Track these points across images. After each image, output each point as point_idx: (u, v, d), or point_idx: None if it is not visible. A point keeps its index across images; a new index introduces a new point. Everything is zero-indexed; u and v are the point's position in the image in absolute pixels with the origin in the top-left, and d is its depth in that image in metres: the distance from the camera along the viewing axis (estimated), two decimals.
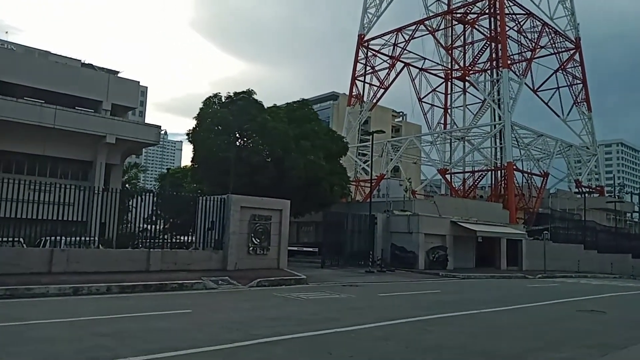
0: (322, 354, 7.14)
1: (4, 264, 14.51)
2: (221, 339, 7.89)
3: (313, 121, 31.79)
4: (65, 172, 28.31)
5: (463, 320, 11.15)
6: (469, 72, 53.36)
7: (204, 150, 28.84)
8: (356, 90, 57.27)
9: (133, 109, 35.92)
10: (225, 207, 20.06)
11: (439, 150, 55.29)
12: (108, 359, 6.35)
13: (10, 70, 27.47)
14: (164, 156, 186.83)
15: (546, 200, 51.32)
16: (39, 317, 9.42)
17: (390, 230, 30.67)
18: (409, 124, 77.33)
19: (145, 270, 17.17)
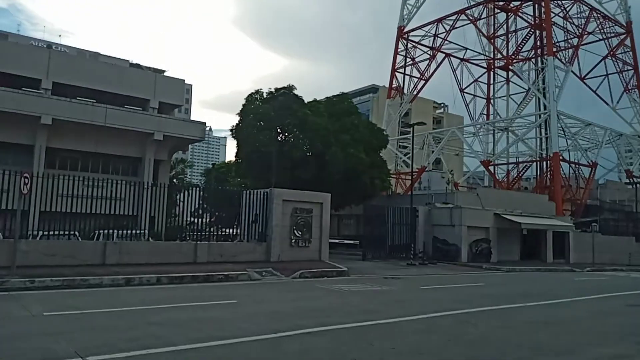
0: (364, 345, 7.28)
1: (62, 256, 15.37)
2: (266, 328, 8.16)
3: (353, 114, 31.80)
4: (116, 168, 29.51)
5: (507, 314, 11.03)
6: (512, 61, 51.88)
7: (247, 145, 29.40)
8: (396, 83, 56.69)
9: (179, 106, 36.99)
10: (268, 201, 20.46)
11: (482, 141, 54.12)
12: (160, 346, 6.69)
13: (64, 72, 28.84)
14: (209, 152, 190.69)
15: (595, 191, 49.47)
16: (94, 306, 9.97)
17: (432, 223, 30.41)
18: (450, 115, 76.02)
19: (193, 261, 17.76)
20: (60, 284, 12.54)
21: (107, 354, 6.17)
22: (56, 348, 6.39)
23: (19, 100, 25.08)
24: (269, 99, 30.43)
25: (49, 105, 25.98)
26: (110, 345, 6.65)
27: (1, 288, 11.62)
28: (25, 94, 25.73)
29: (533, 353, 7.30)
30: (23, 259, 13.64)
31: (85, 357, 6.00)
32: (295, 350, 6.79)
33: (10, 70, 26.96)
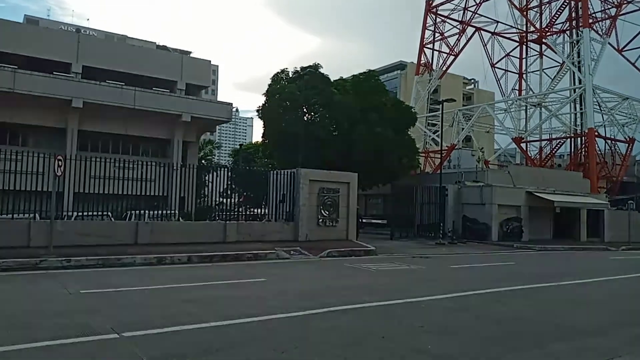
0: (392, 323, 7.29)
1: (96, 236, 15.80)
2: (294, 306, 8.24)
3: (380, 92, 31.39)
4: (145, 149, 30.03)
5: (539, 293, 10.88)
6: (545, 34, 50.14)
7: (273, 126, 29.44)
8: (424, 59, 55.59)
9: (206, 87, 37.18)
10: (295, 181, 20.53)
11: (514, 117, 52.81)
12: (192, 323, 6.84)
13: (93, 56, 29.30)
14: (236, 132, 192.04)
15: (632, 168, 47.93)
16: (128, 284, 10.26)
17: (462, 201, 30.04)
18: (481, 91, 74.33)
19: (223, 241, 18.03)
20: (95, 263, 12.92)
21: (141, 330, 6.35)
22: (93, 324, 6.61)
23: (51, 84, 25.64)
24: (294, 79, 30.28)
25: (80, 89, 26.47)
26: (144, 321, 6.84)
27: (40, 267, 12.05)
28: (56, 78, 26.27)
29: (564, 332, 7.18)
30: (59, 239, 14.08)
31: (121, 333, 6.19)
32: (324, 328, 6.85)
33: (41, 55, 27.53)
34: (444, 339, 6.48)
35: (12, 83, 24.41)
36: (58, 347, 5.56)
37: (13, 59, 26.40)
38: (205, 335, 6.23)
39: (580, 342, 6.67)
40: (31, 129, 26.97)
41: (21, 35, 27.78)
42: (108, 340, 5.90)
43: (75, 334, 6.07)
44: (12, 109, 25.43)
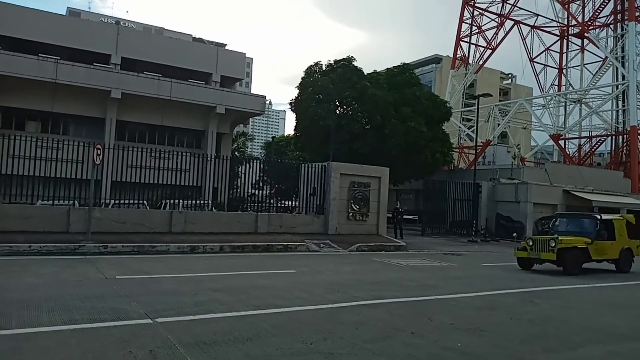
0: (421, 320, 7.24)
1: (132, 223, 16.22)
2: (323, 299, 8.29)
3: (414, 86, 31.01)
4: (181, 140, 30.58)
5: (573, 294, 10.61)
6: (588, 28, 48.49)
7: (306, 119, 29.49)
8: (461, 52, 54.60)
9: (240, 80, 37.53)
10: (326, 174, 20.55)
11: (552, 114, 51.38)
12: (223, 311, 6.98)
13: (131, 48, 29.95)
14: (269, 125, 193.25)
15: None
16: (162, 271, 10.52)
17: (496, 199, 29.49)
18: (518, 86, 72.45)
19: (254, 232, 18.25)
20: (131, 249, 13.28)
21: (174, 317, 6.51)
22: (127, 309, 6.81)
23: (91, 75, 26.34)
24: (328, 72, 30.23)
25: (118, 80, 27.12)
26: (177, 308, 7.00)
27: (78, 252, 12.47)
28: (96, 69, 26.97)
29: (598, 335, 6.99)
30: (96, 225, 14.53)
31: (154, 318, 6.35)
32: (352, 321, 6.85)
33: (82, 46, 28.31)
34: (474, 338, 6.40)
35: (54, 74, 25.21)
36: (94, 330, 5.74)
37: (56, 50, 27.24)
38: (236, 324, 6.33)
39: (615, 346, 6.48)
40: (71, 119, 27.83)
41: (63, 28, 28.61)
42: (141, 325, 6.06)
43: (110, 318, 6.27)
44: (54, 99, 26.30)
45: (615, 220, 15.26)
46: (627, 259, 15.18)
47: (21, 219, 14.56)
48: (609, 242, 14.60)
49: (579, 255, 13.76)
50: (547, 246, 13.47)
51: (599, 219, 14.64)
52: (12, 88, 24.86)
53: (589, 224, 14.71)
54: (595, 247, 14.06)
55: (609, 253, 14.61)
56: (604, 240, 14.42)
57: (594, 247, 14.04)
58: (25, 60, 24.76)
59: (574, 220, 15.41)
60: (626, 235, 15.31)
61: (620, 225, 15.24)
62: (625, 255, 15.07)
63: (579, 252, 13.75)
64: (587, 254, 13.92)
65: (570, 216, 16.28)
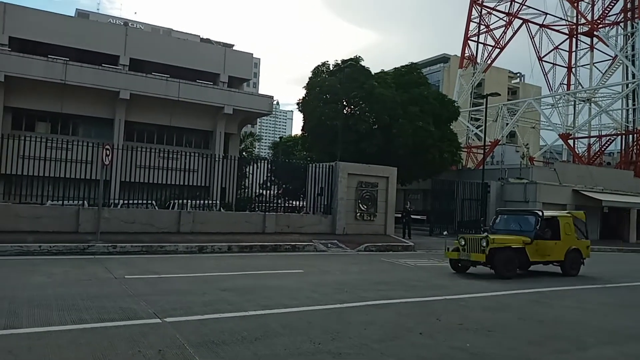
0: (430, 320, 7.22)
1: (140, 223, 16.32)
2: (331, 299, 8.28)
3: (422, 85, 30.90)
4: (189, 140, 30.70)
5: (583, 295, 10.52)
6: (597, 26, 48.09)
7: (313, 119, 29.48)
8: (469, 52, 54.33)
9: (247, 80, 37.60)
10: (333, 174, 20.55)
11: (561, 113, 50.99)
12: (231, 311, 7.00)
13: (139, 49, 30.11)
14: (277, 125, 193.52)
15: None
16: (170, 271, 10.56)
17: (504, 199, 29.34)
18: (527, 85, 72.02)
19: (262, 232, 18.28)
20: (140, 249, 13.35)
21: (182, 316, 6.53)
22: (136, 308, 6.84)
23: (100, 76, 26.50)
24: (335, 72, 30.20)
25: (127, 81, 27.26)
26: (185, 308, 7.02)
27: (87, 252, 12.56)
28: (105, 70, 27.14)
29: (610, 336, 6.92)
30: (105, 225, 14.62)
31: (163, 318, 6.38)
32: (361, 321, 6.84)
33: (91, 47, 28.48)
34: (483, 338, 6.37)
35: (63, 75, 25.39)
36: (103, 330, 5.78)
37: (64, 51, 27.42)
38: (244, 324, 6.34)
39: (627, 347, 6.42)
40: (81, 119, 28.02)
41: (72, 29, 28.80)
42: (150, 325, 6.08)
43: (119, 317, 6.30)
44: (63, 100, 26.49)
45: (560, 218, 13.61)
46: (574, 261, 13.53)
47: (31, 219, 14.69)
48: (552, 241, 13.00)
49: (513, 257, 12.18)
50: (479, 246, 11.99)
51: (540, 215, 13.06)
52: (22, 89, 25.08)
53: (529, 221, 13.13)
54: (535, 248, 12.52)
55: (552, 254, 12.99)
56: (546, 240, 12.87)
57: (533, 248, 12.49)
58: (34, 62, 24.96)
59: (515, 218, 13.83)
60: (574, 235, 13.73)
61: (567, 224, 13.54)
62: (572, 257, 13.40)
63: (513, 253, 12.18)
64: (524, 255, 12.37)
65: (510, 213, 14.65)
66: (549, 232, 13.14)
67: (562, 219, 13.53)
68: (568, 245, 13.32)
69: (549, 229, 13.22)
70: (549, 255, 12.92)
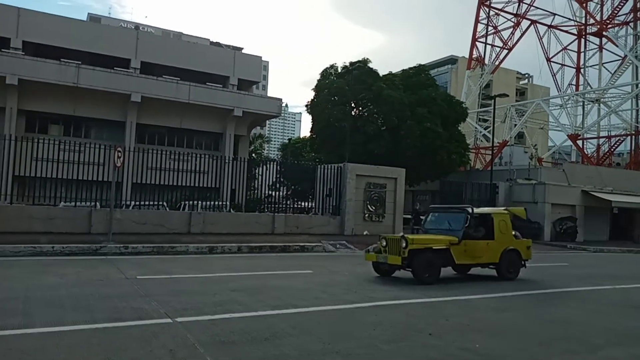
0: (440, 321, 7.24)
1: (151, 224, 16.50)
2: (341, 299, 8.35)
3: (430, 87, 30.90)
4: (199, 143, 30.91)
5: (593, 296, 10.49)
6: (606, 27, 47.76)
7: (321, 120, 29.59)
8: (477, 53, 54.16)
9: (257, 83, 37.81)
10: (342, 175, 20.62)
11: (570, 114, 50.66)
12: (241, 311, 7.08)
13: (150, 52, 30.40)
14: (285, 127, 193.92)
15: None
16: (181, 272, 10.67)
17: (513, 199, 29.23)
18: (535, 86, 71.68)
19: (271, 232, 18.40)
20: (151, 250, 13.50)
21: (193, 317, 6.62)
22: (148, 308, 6.95)
23: (112, 79, 26.78)
24: (343, 74, 30.30)
25: (138, 84, 27.53)
26: (196, 308, 7.12)
27: (99, 252, 12.72)
28: (116, 73, 27.41)
29: (619, 337, 6.91)
30: (117, 226, 14.81)
31: (174, 318, 6.48)
32: (370, 322, 6.90)
33: (103, 51, 28.81)
34: (492, 339, 6.40)
35: (76, 78, 25.70)
36: (115, 330, 5.88)
37: (77, 55, 27.74)
38: (254, 324, 6.42)
39: (638, 349, 6.43)
40: (93, 122, 28.32)
41: (84, 33, 29.13)
42: (161, 325, 6.18)
43: (131, 317, 6.41)
44: (75, 103, 26.80)
45: (495, 215, 12.13)
46: (511, 263, 11.99)
47: (45, 220, 14.92)
48: (484, 241, 11.57)
49: (435, 259, 10.72)
50: (398, 247, 10.58)
51: (469, 213, 11.58)
52: (35, 92, 25.41)
53: (458, 219, 11.62)
54: (463, 249, 11.07)
55: (484, 256, 11.54)
56: (476, 240, 11.47)
57: (461, 249, 11.03)
58: (47, 65, 25.29)
59: (446, 216, 12.32)
60: (511, 234, 12.23)
61: (502, 222, 12.04)
62: (509, 259, 11.89)
63: (435, 255, 10.71)
64: (449, 257, 10.92)
65: (442, 210, 13.10)
66: (483, 231, 11.83)
67: (497, 216, 12.13)
68: (504, 245, 11.85)
69: (482, 227, 11.91)
70: (480, 257, 11.48)
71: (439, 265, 10.86)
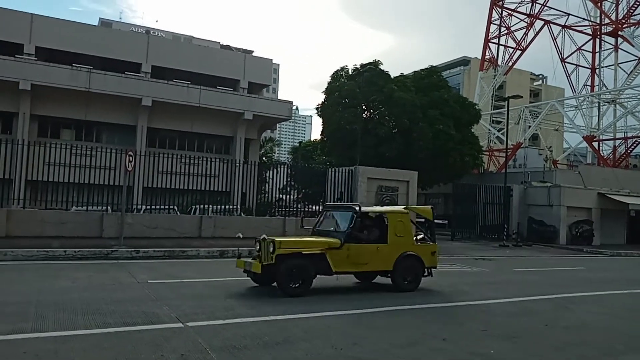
0: (452, 325, 7.12)
1: (162, 228, 16.51)
2: (353, 304, 8.22)
3: (442, 89, 30.69)
4: (210, 146, 31.00)
5: (611, 300, 10.27)
6: (622, 26, 47.15)
7: (332, 123, 29.51)
8: (489, 54, 53.74)
9: (267, 86, 37.85)
10: (353, 179, 20.50)
11: (585, 115, 50.02)
12: (253, 315, 7.02)
13: (161, 56, 30.58)
14: (296, 130, 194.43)
15: None
16: (192, 276, 10.64)
17: (528, 202, 28.90)
18: (549, 87, 71.05)
19: (282, 236, 18.29)
20: (162, 254, 13.49)
21: (204, 321, 6.57)
22: (159, 313, 6.91)
23: (123, 84, 26.97)
24: (354, 76, 30.21)
25: (149, 88, 27.68)
26: (207, 312, 7.07)
27: (111, 257, 12.73)
28: (127, 78, 27.60)
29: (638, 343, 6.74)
30: (129, 230, 14.82)
31: (185, 322, 6.43)
32: (382, 327, 6.79)
33: (114, 55, 29.03)
34: (507, 344, 6.26)
35: (87, 83, 25.90)
36: (126, 334, 5.85)
37: (89, 60, 28.00)
38: (265, 329, 6.35)
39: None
40: (104, 126, 28.53)
41: (96, 38, 29.39)
42: (173, 329, 6.14)
43: (142, 322, 6.36)
44: (87, 107, 27.02)
45: (390, 215, 10.22)
46: (409, 271, 9.89)
47: (57, 224, 14.99)
48: (373, 245, 9.63)
49: (304, 266, 8.85)
50: (268, 252, 8.92)
51: (356, 211, 9.66)
52: (47, 97, 25.66)
53: (345, 219, 9.83)
54: (346, 254, 9.18)
55: (372, 262, 9.56)
56: (364, 244, 9.60)
57: (343, 254, 9.15)
58: (59, 70, 25.52)
59: (336, 214, 10.58)
60: (411, 237, 10.25)
61: (400, 222, 10.03)
62: (405, 266, 9.83)
63: (304, 262, 8.86)
64: (324, 264, 9.02)
65: (331, 209, 11.32)
66: (377, 233, 9.99)
67: (393, 216, 10.16)
68: (400, 250, 9.79)
69: (377, 229, 10.08)
70: (367, 263, 9.54)
71: (309, 274, 8.90)
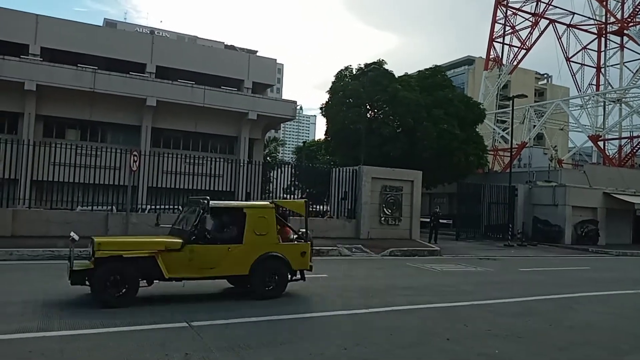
0: (457, 325, 7.10)
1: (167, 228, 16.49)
2: (356, 304, 8.23)
3: (446, 88, 30.63)
4: (214, 146, 31.02)
5: (616, 300, 10.22)
6: (628, 25, 46.91)
7: (336, 123, 29.50)
8: (494, 53, 53.59)
9: (271, 86, 37.85)
10: (357, 178, 20.48)
11: (590, 114, 49.78)
12: (257, 315, 7.02)
13: (166, 56, 30.62)
14: (300, 130, 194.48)
15: None
16: None
17: (533, 202, 28.79)
18: (554, 86, 70.73)
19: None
20: None
21: (209, 320, 6.60)
22: (164, 312, 6.96)
23: (127, 84, 27.00)
24: (358, 76, 30.19)
25: (154, 88, 27.71)
26: (211, 312, 7.10)
27: None
28: (132, 78, 27.63)
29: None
30: (133, 230, 14.85)
31: (189, 322, 6.45)
32: (387, 327, 6.78)
33: (118, 56, 29.08)
34: (512, 344, 6.24)
35: (92, 83, 25.96)
36: (131, 333, 5.89)
37: (93, 60, 28.05)
38: (269, 328, 6.36)
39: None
40: (109, 126, 28.59)
41: (100, 38, 29.46)
42: (177, 329, 6.17)
43: (147, 321, 6.39)
44: (92, 108, 27.08)
45: (248, 210, 8.67)
46: (270, 274, 8.44)
47: (62, 224, 15.01)
48: (223, 246, 8.19)
49: (126, 272, 7.51)
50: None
51: (204, 207, 8.18)
52: (52, 98, 25.73)
53: (193, 215, 8.42)
54: (187, 256, 7.83)
55: (221, 265, 8.10)
56: (212, 244, 8.16)
57: (183, 256, 7.81)
58: (64, 71, 25.59)
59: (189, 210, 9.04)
60: (274, 235, 8.62)
61: (261, 219, 8.55)
62: (265, 269, 8.38)
63: (125, 267, 7.53)
64: (154, 270, 7.68)
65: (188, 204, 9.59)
66: (232, 231, 8.57)
67: (252, 211, 8.65)
68: (260, 251, 8.35)
69: (233, 226, 8.62)
70: (215, 267, 8.07)
71: (134, 280, 7.56)
